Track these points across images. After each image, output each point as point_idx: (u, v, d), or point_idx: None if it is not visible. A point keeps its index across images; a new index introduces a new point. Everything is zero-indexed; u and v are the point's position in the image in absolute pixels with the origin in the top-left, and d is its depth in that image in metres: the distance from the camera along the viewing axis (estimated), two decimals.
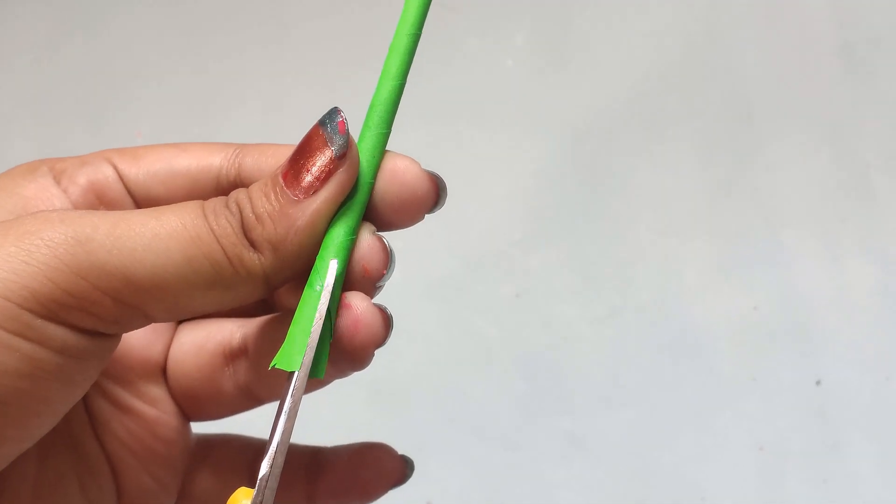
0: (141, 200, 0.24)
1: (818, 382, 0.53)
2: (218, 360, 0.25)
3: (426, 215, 0.23)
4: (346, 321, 0.21)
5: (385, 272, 0.22)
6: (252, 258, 0.21)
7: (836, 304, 0.55)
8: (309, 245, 0.21)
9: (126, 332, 0.21)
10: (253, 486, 0.20)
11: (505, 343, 0.56)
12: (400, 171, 0.22)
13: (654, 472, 0.52)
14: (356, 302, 0.21)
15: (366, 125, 0.22)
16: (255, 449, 0.26)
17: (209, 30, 0.67)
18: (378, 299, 0.22)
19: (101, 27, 0.68)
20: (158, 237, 0.20)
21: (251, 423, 0.28)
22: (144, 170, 0.24)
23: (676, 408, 0.53)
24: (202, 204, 0.21)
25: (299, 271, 0.21)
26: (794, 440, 0.52)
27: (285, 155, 0.22)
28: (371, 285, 0.22)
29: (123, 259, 0.19)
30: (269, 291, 0.22)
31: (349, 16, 0.65)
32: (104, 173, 0.24)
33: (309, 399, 0.26)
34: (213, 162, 0.24)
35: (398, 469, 0.26)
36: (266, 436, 0.21)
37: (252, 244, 0.21)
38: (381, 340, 0.22)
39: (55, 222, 0.20)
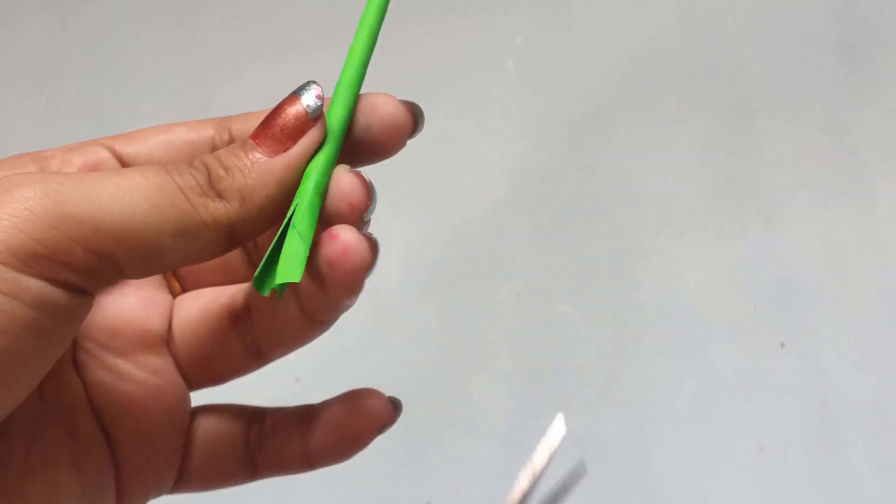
0: None
1: (818, 382, 0.53)
2: (225, 322, 0.26)
3: (407, 141, 0.24)
4: (334, 249, 0.22)
5: (370, 203, 0.23)
6: (217, 206, 0.21)
7: (836, 303, 0.55)
8: (277, 199, 0.22)
9: (99, 287, 0.21)
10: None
11: (505, 343, 0.56)
12: (379, 104, 0.24)
13: (654, 472, 0.52)
14: (343, 232, 0.22)
15: (337, 86, 0.24)
16: (249, 415, 0.27)
17: (208, 29, 0.67)
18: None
19: (101, 27, 0.68)
20: (122, 188, 0.21)
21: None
22: (140, 146, 0.25)
23: (676, 408, 0.53)
24: (165, 165, 0.22)
25: (264, 227, 0.22)
26: (794, 440, 0.52)
27: None
28: (359, 218, 0.23)
29: (91, 208, 0.20)
30: (235, 243, 0.22)
31: (350, 15, 0.65)
32: (98, 155, 0.24)
33: (309, 398, 0.26)
34: (206, 134, 0.25)
35: (385, 410, 0.26)
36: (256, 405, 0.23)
37: (219, 194, 0.22)
38: (369, 264, 0.22)
39: (24, 182, 0.20)
